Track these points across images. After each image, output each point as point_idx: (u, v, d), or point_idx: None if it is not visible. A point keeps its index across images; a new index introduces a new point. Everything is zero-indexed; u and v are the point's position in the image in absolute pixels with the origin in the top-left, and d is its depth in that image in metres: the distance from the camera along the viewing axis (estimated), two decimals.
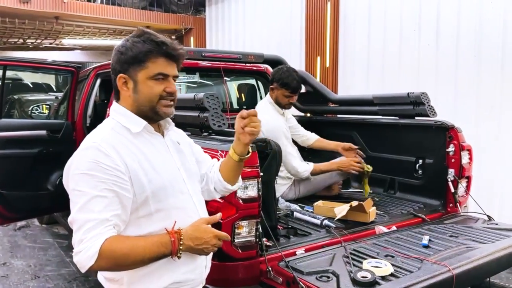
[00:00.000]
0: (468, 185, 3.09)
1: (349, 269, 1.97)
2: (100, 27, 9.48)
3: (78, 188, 1.29)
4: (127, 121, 1.42)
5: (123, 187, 1.32)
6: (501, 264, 2.32)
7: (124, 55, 1.41)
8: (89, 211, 1.26)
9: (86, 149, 1.33)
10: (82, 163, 1.30)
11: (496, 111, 4.33)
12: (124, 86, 1.43)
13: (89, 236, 1.24)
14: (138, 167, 1.36)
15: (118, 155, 1.33)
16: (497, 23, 4.30)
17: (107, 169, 1.30)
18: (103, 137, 1.37)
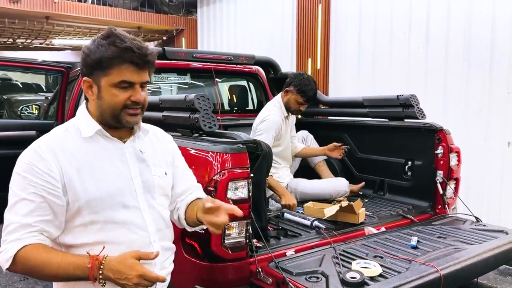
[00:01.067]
0: (457, 186, 3.13)
1: (338, 270, 1.98)
2: (91, 27, 9.42)
3: (11, 187, 1.29)
4: (83, 124, 1.38)
5: (53, 193, 1.28)
6: (488, 265, 2.35)
7: (88, 58, 1.33)
8: (14, 213, 1.26)
9: (27, 150, 1.32)
10: (19, 164, 1.30)
11: (484, 113, 4.38)
12: (89, 90, 1.36)
13: (9, 239, 1.24)
14: (74, 174, 1.30)
15: (55, 160, 1.29)
16: (485, 26, 4.35)
17: (38, 173, 1.27)
18: (47, 139, 1.34)
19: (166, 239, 1.49)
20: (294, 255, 2.24)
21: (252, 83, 4.86)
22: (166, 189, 1.51)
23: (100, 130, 1.37)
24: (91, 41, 1.36)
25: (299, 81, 3.32)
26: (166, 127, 2.59)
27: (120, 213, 1.35)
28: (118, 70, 1.30)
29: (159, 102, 2.50)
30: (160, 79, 4.25)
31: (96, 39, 1.35)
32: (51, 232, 1.29)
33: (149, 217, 1.41)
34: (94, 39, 1.36)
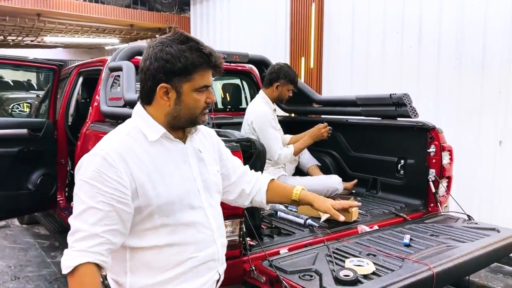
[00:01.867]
0: (449, 185, 3.15)
1: (332, 268, 1.98)
2: (83, 25, 9.35)
3: (78, 193, 1.27)
4: (146, 127, 1.37)
5: (122, 201, 1.27)
6: (480, 263, 2.36)
7: (170, 65, 1.31)
8: (82, 221, 1.24)
9: (93, 155, 1.29)
10: (87, 170, 1.27)
11: (476, 112, 4.42)
12: (164, 96, 1.35)
13: (76, 247, 1.23)
14: (146, 179, 1.31)
15: (125, 166, 1.28)
16: (477, 26, 4.38)
17: (108, 182, 1.25)
18: (113, 144, 1.31)
19: (223, 235, 1.55)
20: (287, 254, 2.24)
21: (246, 82, 4.86)
22: (219, 185, 1.58)
23: (165, 133, 1.38)
24: (163, 46, 1.33)
25: (285, 72, 3.52)
26: None
27: (189, 215, 1.39)
28: (200, 76, 1.35)
29: None
30: None
31: (172, 44, 1.33)
32: (116, 242, 1.28)
33: (211, 215, 1.46)
34: (168, 44, 1.33)
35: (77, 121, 4.24)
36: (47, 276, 3.98)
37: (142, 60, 1.39)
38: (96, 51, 13.34)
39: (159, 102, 1.36)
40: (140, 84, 1.39)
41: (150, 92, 1.37)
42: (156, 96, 1.36)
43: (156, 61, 1.33)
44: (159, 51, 1.33)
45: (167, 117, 1.38)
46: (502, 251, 2.45)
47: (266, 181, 1.81)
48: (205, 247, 1.42)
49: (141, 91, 1.40)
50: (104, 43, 11.94)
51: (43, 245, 4.78)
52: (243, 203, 1.79)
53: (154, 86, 1.35)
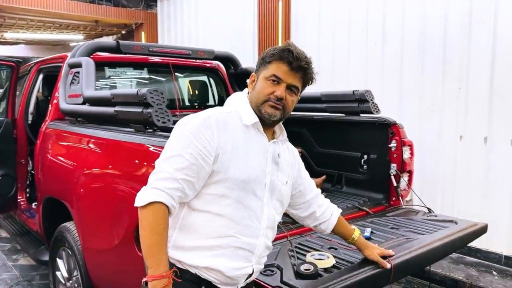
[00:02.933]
0: (410, 179, 3.22)
1: (293, 262, 2.00)
2: (46, 21, 9.07)
3: (172, 141, 1.45)
4: (243, 111, 1.53)
5: (206, 159, 1.41)
6: (438, 254, 2.43)
7: (260, 58, 1.57)
8: (168, 164, 1.40)
9: (198, 117, 1.46)
10: (189, 125, 1.44)
11: (438, 108, 4.53)
12: (251, 83, 1.58)
13: (156, 185, 1.37)
14: (229, 150, 1.45)
15: (218, 133, 1.44)
16: (438, 24, 4.50)
17: (201, 139, 1.41)
18: (217, 113, 1.49)
19: (269, 238, 1.63)
20: None
21: (213, 78, 4.83)
22: (284, 196, 1.67)
23: (257, 122, 1.53)
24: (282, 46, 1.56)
25: None
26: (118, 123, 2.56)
27: (249, 198, 1.50)
28: (275, 66, 1.51)
29: (111, 97, 2.43)
30: (115, 73, 4.13)
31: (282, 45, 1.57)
32: (188, 194, 1.42)
33: (266, 212, 1.57)
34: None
35: (37, 119, 4.11)
36: (7, 280, 3.85)
37: None
38: (60, 48, 12.98)
39: (249, 90, 1.59)
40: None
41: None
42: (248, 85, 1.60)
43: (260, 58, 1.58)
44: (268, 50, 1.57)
45: (252, 104, 1.55)
46: (459, 242, 2.53)
47: (336, 214, 1.94)
48: (249, 235, 1.51)
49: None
50: (69, 39, 11.63)
51: (3, 248, 4.62)
52: (309, 224, 1.93)
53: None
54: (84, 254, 2.60)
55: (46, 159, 3.22)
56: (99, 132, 2.62)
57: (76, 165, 2.77)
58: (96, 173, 2.58)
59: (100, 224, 2.48)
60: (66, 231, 2.76)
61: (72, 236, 2.69)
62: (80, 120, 3.00)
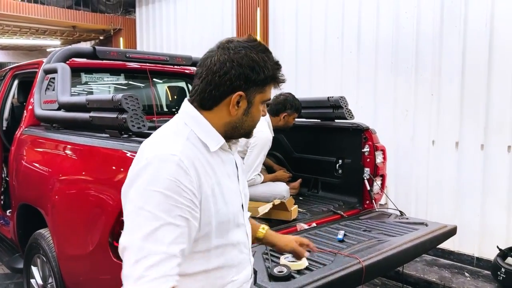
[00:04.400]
0: (383, 183, 3.31)
1: (267, 265, 2.04)
2: (22, 26, 8.94)
3: (147, 207, 1.04)
4: (206, 136, 1.22)
5: (195, 215, 1.11)
6: (408, 255, 2.51)
7: (254, 74, 1.21)
8: (157, 241, 1.02)
9: (163, 161, 1.09)
10: (159, 179, 1.06)
11: (411, 114, 4.66)
12: (236, 104, 1.23)
13: (153, 275, 1.00)
14: (210, 193, 1.16)
15: (196, 176, 1.12)
16: (411, 32, 4.63)
17: (185, 192, 1.08)
18: (182, 149, 1.13)
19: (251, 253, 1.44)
20: None
21: (191, 84, 4.84)
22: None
23: (224, 143, 1.26)
24: (245, 51, 1.22)
25: (291, 103, 3.54)
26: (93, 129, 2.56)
27: (236, 234, 1.28)
28: (269, 88, 1.28)
29: (86, 102, 2.44)
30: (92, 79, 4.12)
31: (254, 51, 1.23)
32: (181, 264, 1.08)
33: (249, 232, 1.38)
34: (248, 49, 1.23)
35: (12, 125, 4.06)
36: None
37: (216, 61, 1.22)
38: (37, 53, 12.79)
39: (223, 109, 1.24)
40: (204, 87, 1.23)
41: (219, 97, 1.22)
42: (223, 103, 1.23)
43: (240, 67, 1.20)
44: (244, 56, 1.21)
45: (226, 126, 1.25)
46: (429, 243, 2.61)
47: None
48: (243, 268, 1.32)
49: (203, 95, 1.23)
50: (46, 44, 11.48)
51: None
52: None
53: (228, 93, 1.21)
54: (59, 261, 2.58)
55: (21, 165, 3.18)
56: (74, 138, 2.61)
57: (51, 171, 2.75)
58: (71, 179, 2.57)
59: (75, 231, 2.47)
60: (41, 238, 2.73)
61: (47, 243, 2.67)
62: (55, 126, 2.99)
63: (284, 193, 3.41)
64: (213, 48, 1.28)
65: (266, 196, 3.34)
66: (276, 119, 3.60)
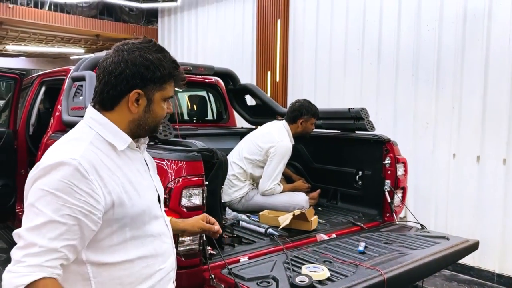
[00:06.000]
0: (404, 195, 3.30)
1: (289, 274, 2.05)
2: (47, 34, 9.19)
3: (37, 205, 1.13)
4: (112, 137, 1.28)
5: (90, 216, 1.16)
6: (430, 269, 2.50)
7: (149, 72, 1.27)
8: (39, 235, 1.11)
9: (61, 164, 1.15)
10: (52, 180, 1.14)
11: (431, 127, 4.63)
12: (135, 102, 1.29)
13: (28, 262, 1.09)
14: (121, 191, 1.24)
15: (98, 179, 1.19)
16: (432, 46, 4.62)
17: (79, 194, 1.14)
18: (83, 153, 1.19)
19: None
20: (247, 262, 2.29)
21: (212, 94, 4.92)
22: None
23: (131, 142, 1.33)
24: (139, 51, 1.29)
25: (308, 108, 3.60)
26: None
27: (155, 225, 1.36)
28: (170, 85, 1.34)
29: None
30: None
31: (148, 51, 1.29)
32: (70, 258, 1.16)
33: (167, 223, 1.46)
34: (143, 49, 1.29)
35: (38, 130, 4.17)
36: None
37: (111, 63, 1.28)
38: (60, 61, 13.09)
39: (124, 108, 1.30)
40: (102, 88, 1.29)
41: (117, 97, 1.29)
42: (122, 102, 1.29)
43: (134, 66, 1.27)
44: (138, 57, 1.27)
45: (130, 124, 1.32)
46: (451, 257, 2.59)
47: None
48: (168, 257, 1.41)
49: (102, 96, 1.30)
50: (69, 52, 11.75)
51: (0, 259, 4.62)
52: None
53: (126, 92, 1.28)
54: None
55: None
56: None
57: None
58: None
59: None
60: None
61: None
62: None
63: (303, 203, 3.42)
64: (109, 51, 1.32)
65: (285, 206, 3.36)
66: (294, 126, 3.63)
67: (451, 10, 4.48)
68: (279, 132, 3.60)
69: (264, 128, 3.76)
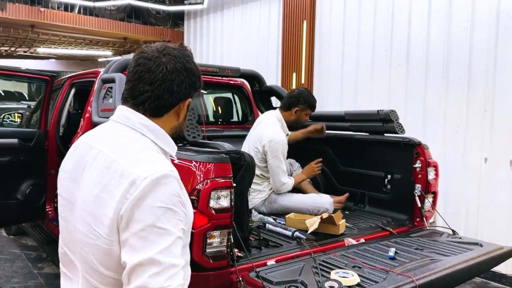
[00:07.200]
0: (434, 200, 3.21)
1: (317, 279, 2.02)
2: (77, 37, 9.41)
3: (160, 225, 1.07)
4: (165, 144, 1.25)
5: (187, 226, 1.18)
6: (463, 276, 2.42)
7: (199, 83, 1.30)
8: (172, 255, 1.08)
9: (166, 177, 1.10)
10: (166, 195, 1.09)
11: (462, 130, 4.51)
12: (184, 110, 1.30)
13: (173, 285, 1.06)
14: (187, 199, 1.22)
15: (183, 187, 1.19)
16: (463, 46, 4.50)
17: (182, 205, 1.13)
18: (167, 163, 1.16)
19: None
20: (274, 265, 2.27)
21: (237, 96, 4.92)
22: None
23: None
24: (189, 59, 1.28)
25: (305, 97, 3.55)
26: None
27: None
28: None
29: None
30: None
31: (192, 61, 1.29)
32: None
33: None
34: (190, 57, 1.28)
35: (68, 131, 4.25)
36: (32, 287, 3.94)
37: (172, 69, 1.23)
38: (88, 63, 13.38)
39: (172, 115, 1.28)
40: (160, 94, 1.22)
41: (174, 104, 1.26)
42: (174, 110, 1.27)
43: (193, 76, 1.27)
44: (193, 67, 1.28)
45: (172, 131, 1.30)
46: (485, 265, 2.51)
47: None
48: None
49: (159, 102, 1.23)
50: (97, 55, 11.99)
51: (30, 256, 4.73)
52: None
53: (182, 99, 1.27)
54: None
55: None
56: None
57: None
58: None
59: None
60: None
61: None
62: None
63: (327, 206, 3.36)
64: (154, 54, 1.23)
65: (309, 209, 3.32)
66: (287, 114, 3.58)
67: (484, 10, 4.36)
68: (270, 126, 3.52)
69: (256, 124, 3.70)
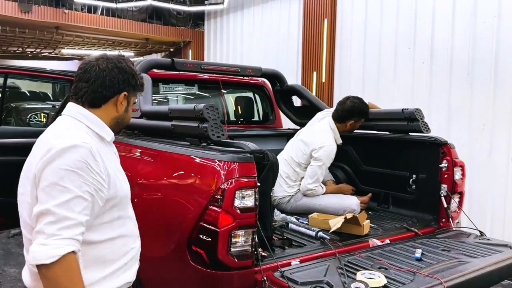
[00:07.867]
0: (461, 200, 3.14)
1: (343, 280, 2.00)
2: (100, 38, 9.56)
3: (62, 183, 1.29)
4: (100, 130, 1.51)
5: (100, 194, 1.38)
6: (492, 279, 2.35)
7: (133, 80, 1.55)
8: (69, 209, 1.27)
9: (75, 147, 1.33)
10: (71, 160, 1.31)
11: (488, 129, 4.41)
12: (123, 103, 1.56)
13: (63, 235, 1.24)
14: (114, 174, 1.47)
15: (101, 161, 1.40)
16: (489, 43, 4.41)
17: (92, 173, 1.35)
18: (89, 139, 1.41)
19: None
20: (299, 265, 2.25)
21: (258, 95, 4.92)
22: None
23: (113, 136, 1.58)
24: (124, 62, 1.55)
25: (360, 110, 3.48)
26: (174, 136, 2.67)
27: (130, 208, 1.61)
28: (137, 94, 1.64)
29: (168, 111, 2.54)
30: (168, 89, 4.30)
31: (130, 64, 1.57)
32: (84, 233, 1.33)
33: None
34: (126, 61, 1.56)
35: None
36: None
37: (105, 68, 1.50)
38: None
39: (110, 107, 1.54)
40: (95, 88, 1.49)
41: (109, 96, 1.52)
42: (110, 101, 1.53)
43: (125, 73, 1.53)
44: (125, 66, 1.54)
45: (112, 121, 1.55)
46: None
47: None
48: (136, 238, 1.61)
49: (95, 94, 1.50)
50: None
51: None
52: None
53: (116, 93, 1.52)
54: None
55: None
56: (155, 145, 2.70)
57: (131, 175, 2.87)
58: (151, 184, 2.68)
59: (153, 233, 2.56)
60: None
61: None
62: (136, 133, 3.14)
63: (354, 207, 3.33)
64: (91, 59, 1.54)
65: (336, 209, 3.29)
66: (341, 126, 3.52)
67: (511, 5, 4.25)
68: (324, 134, 3.50)
69: (309, 129, 3.68)
